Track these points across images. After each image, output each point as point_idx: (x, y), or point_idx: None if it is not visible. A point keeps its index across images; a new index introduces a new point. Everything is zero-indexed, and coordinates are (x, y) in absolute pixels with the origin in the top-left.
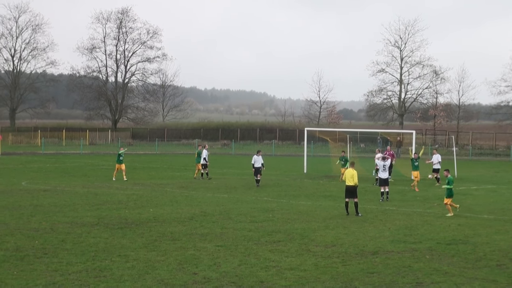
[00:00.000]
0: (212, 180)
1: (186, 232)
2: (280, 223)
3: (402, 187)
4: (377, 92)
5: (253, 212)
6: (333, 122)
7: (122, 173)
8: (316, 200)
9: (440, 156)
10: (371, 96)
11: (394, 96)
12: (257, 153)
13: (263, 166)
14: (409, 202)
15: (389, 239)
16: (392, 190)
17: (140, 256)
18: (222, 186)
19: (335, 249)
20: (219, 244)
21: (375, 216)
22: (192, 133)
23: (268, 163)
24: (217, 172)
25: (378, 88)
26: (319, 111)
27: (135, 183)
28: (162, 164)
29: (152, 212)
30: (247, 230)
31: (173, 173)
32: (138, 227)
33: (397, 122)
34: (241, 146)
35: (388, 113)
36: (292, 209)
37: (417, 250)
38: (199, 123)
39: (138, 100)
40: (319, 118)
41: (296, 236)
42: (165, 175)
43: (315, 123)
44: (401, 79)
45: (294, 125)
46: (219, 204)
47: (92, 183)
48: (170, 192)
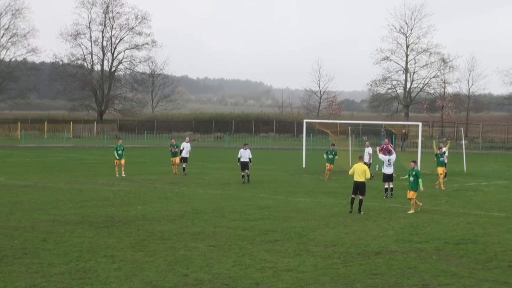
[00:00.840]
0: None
1: (176, 231)
2: (277, 221)
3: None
4: (381, 81)
5: (248, 209)
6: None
7: (121, 168)
8: (315, 197)
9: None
10: (374, 86)
11: (399, 85)
12: (244, 147)
13: (250, 161)
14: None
15: (393, 238)
16: (396, 186)
17: (127, 257)
18: (215, 181)
19: (335, 249)
20: (212, 243)
21: (379, 214)
22: (184, 125)
23: (265, 157)
24: (210, 167)
25: (382, 77)
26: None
27: (122, 179)
28: (151, 158)
29: (140, 209)
30: (241, 229)
31: (162, 168)
32: (125, 225)
33: (402, 113)
34: (236, 139)
35: (392, 104)
36: (289, 207)
37: (423, 250)
38: (190, 114)
39: (126, 90)
40: (319, 109)
41: (294, 235)
42: (154, 170)
43: (314, 114)
44: (407, 68)
45: (292, 116)
46: (211, 201)
47: (76, 178)
48: (160, 188)
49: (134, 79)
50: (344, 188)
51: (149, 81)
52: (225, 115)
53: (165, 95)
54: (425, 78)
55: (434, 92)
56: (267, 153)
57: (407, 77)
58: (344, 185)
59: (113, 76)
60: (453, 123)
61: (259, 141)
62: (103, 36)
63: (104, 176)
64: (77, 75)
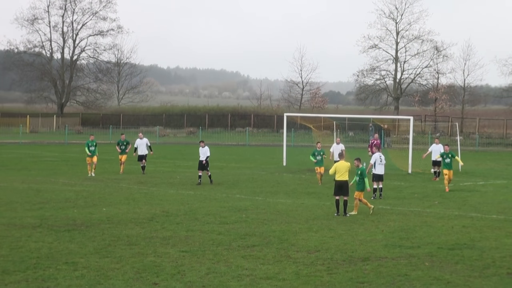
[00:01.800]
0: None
1: (145, 235)
2: (255, 224)
3: (398, 183)
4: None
5: (223, 211)
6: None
7: (93, 167)
8: (297, 198)
9: (442, 146)
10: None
11: (388, 76)
12: (200, 144)
13: (207, 162)
14: (406, 200)
15: (382, 243)
16: (386, 186)
17: (91, 264)
18: (187, 181)
19: (319, 255)
20: (184, 249)
21: (366, 217)
22: (153, 119)
23: (242, 154)
24: (181, 165)
25: (369, 67)
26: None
27: (85, 178)
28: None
29: (105, 212)
30: (216, 233)
31: (130, 166)
32: (89, 229)
33: (392, 106)
34: (210, 134)
35: (381, 96)
36: (269, 208)
37: (415, 256)
38: (160, 107)
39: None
40: (301, 102)
41: (273, 240)
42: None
43: (296, 107)
44: (397, 57)
45: (272, 110)
46: (183, 202)
47: (34, 178)
48: (127, 188)
49: (98, 68)
50: (329, 188)
51: (114, 70)
52: (198, 108)
53: (132, 86)
54: (416, 68)
55: (427, 84)
56: (244, 150)
57: (397, 67)
58: (329, 184)
59: (75, 65)
60: (447, 117)
61: (235, 136)
62: (63, 21)
63: (65, 175)
64: (35, 64)
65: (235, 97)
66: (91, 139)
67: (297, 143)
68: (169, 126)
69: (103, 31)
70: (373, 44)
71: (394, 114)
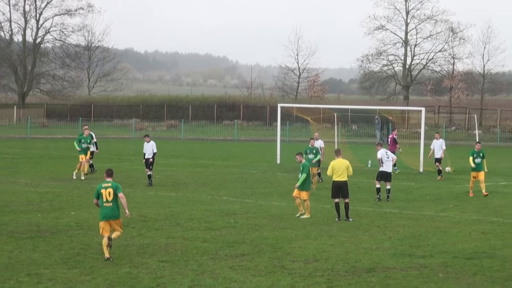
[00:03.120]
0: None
1: (119, 243)
2: (245, 230)
3: (408, 183)
4: (374, 56)
5: (208, 216)
6: (316, 96)
7: (85, 166)
8: (293, 200)
9: (444, 142)
10: (366, 62)
11: (397, 61)
12: (145, 139)
13: (153, 159)
14: (417, 202)
15: (389, 251)
16: (394, 187)
17: (57, 276)
18: (168, 181)
19: (318, 265)
20: (164, 259)
21: (372, 221)
22: (128, 111)
23: (229, 151)
24: (161, 163)
25: (375, 51)
26: (297, 82)
27: (50, 178)
28: None
29: (74, 216)
30: (200, 240)
31: (102, 164)
32: (55, 236)
33: (401, 96)
34: (193, 128)
35: (389, 84)
36: (260, 212)
37: (427, 266)
38: (137, 97)
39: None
40: (297, 91)
41: (266, 248)
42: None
43: (291, 97)
44: (407, 39)
45: (264, 100)
46: (163, 205)
47: None
48: None
49: (65, 53)
50: (328, 189)
51: (84, 55)
52: (181, 98)
53: (104, 73)
54: (429, 52)
55: (441, 70)
56: (232, 146)
57: (406, 51)
58: (329, 185)
59: (39, 49)
60: (464, 108)
61: (222, 130)
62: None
63: (27, 174)
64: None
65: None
66: (86, 134)
67: (293, 138)
68: (147, 118)
69: (71, 10)
70: (380, 25)
71: (403, 104)
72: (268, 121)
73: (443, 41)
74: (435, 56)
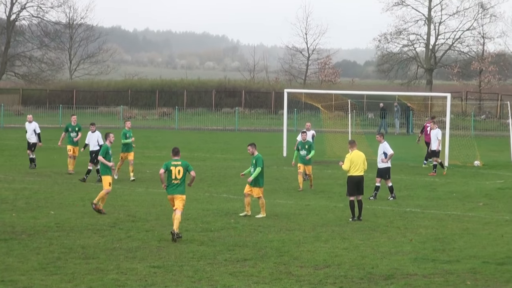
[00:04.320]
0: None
1: (105, 246)
2: (247, 232)
3: (431, 179)
4: (393, 35)
5: (206, 216)
6: (327, 80)
7: (130, 168)
8: (301, 198)
9: (440, 132)
10: (384, 42)
11: (419, 41)
12: (91, 128)
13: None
14: (441, 200)
15: (410, 256)
16: (415, 183)
17: (35, 283)
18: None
19: (329, 272)
20: (155, 264)
21: (390, 222)
22: (115, 97)
23: (230, 142)
24: (153, 156)
25: (395, 30)
26: (306, 64)
27: (27, 172)
28: None
29: (54, 215)
30: (197, 243)
31: (86, 157)
32: (32, 238)
33: (424, 80)
34: (189, 116)
35: (410, 67)
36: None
37: (453, 272)
38: (125, 81)
39: (32, 47)
40: (306, 75)
41: (270, 252)
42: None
43: (300, 81)
44: (430, 16)
45: (269, 85)
46: (155, 204)
47: None
48: (81, 185)
49: (43, 31)
50: (342, 185)
51: (65, 34)
52: (174, 82)
53: (88, 55)
54: (455, 31)
55: (469, 51)
56: (233, 137)
57: (430, 30)
58: (342, 181)
59: (13, 27)
60: (496, 95)
61: (221, 119)
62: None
63: (0, 168)
64: None
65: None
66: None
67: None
68: (136, 105)
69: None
70: (400, 0)
71: (426, 90)
72: (273, 108)
73: (471, 18)
74: (462, 35)
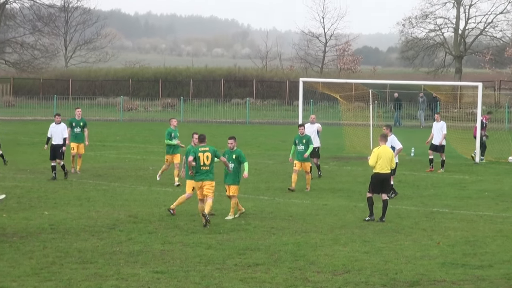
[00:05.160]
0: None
1: (104, 249)
2: (259, 234)
3: (460, 176)
4: (419, 19)
5: (214, 216)
6: (347, 68)
7: (175, 171)
8: (318, 197)
9: (445, 125)
10: (409, 26)
11: (447, 26)
12: (56, 119)
13: (64, 145)
14: (472, 200)
15: (438, 260)
16: (442, 180)
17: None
18: (164, 174)
19: (349, 278)
20: (159, 269)
21: (415, 223)
22: (115, 86)
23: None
24: (156, 152)
25: (420, 13)
26: (324, 51)
27: (18, 169)
28: None
29: (48, 216)
30: (204, 246)
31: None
32: (24, 241)
33: (452, 68)
34: (195, 108)
35: (437, 54)
36: (278, 212)
37: (485, 279)
38: (126, 69)
39: (24, 32)
40: (324, 62)
41: (285, 257)
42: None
43: (316, 70)
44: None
45: (282, 73)
46: (158, 203)
47: None
48: (78, 183)
49: (36, 15)
50: (362, 183)
51: (60, 18)
52: (179, 71)
53: (85, 41)
54: (488, 14)
55: (502, 37)
56: (243, 130)
57: (459, 13)
58: (363, 178)
59: (3, 10)
60: None
61: (231, 111)
62: None
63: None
64: None
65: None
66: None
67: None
68: (137, 96)
69: None
70: None
71: (455, 79)
72: (288, 99)
73: (505, 0)
74: (495, 19)
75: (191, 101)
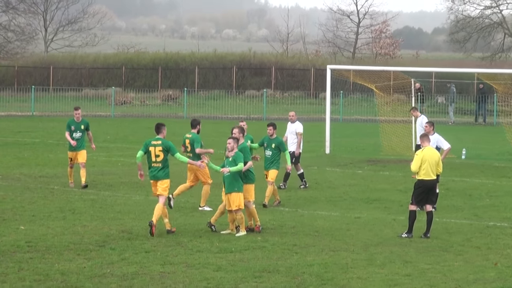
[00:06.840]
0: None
1: (92, 272)
2: (279, 254)
3: None
4: None
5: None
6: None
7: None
8: (349, 209)
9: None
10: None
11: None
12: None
13: None
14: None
15: (495, 285)
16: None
17: None
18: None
19: None
20: None
21: (467, 240)
22: (105, 75)
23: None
24: None
25: None
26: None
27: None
28: (44, 136)
29: (25, 232)
30: (213, 267)
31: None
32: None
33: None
34: (202, 101)
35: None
36: (302, 227)
37: None
38: (118, 55)
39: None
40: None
41: (309, 280)
42: (52, 159)
43: (347, 55)
44: None
45: (306, 59)
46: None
47: None
48: (61, 191)
49: None
50: (403, 191)
51: None
52: (183, 56)
53: (69, 20)
54: None
55: None
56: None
57: None
58: (403, 186)
59: None
60: None
61: (245, 104)
62: None
63: None
64: None
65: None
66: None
67: (349, 116)
68: (132, 87)
69: None
70: None
71: None
72: (313, 90)
73: None
74: None
75: (197, 93)
